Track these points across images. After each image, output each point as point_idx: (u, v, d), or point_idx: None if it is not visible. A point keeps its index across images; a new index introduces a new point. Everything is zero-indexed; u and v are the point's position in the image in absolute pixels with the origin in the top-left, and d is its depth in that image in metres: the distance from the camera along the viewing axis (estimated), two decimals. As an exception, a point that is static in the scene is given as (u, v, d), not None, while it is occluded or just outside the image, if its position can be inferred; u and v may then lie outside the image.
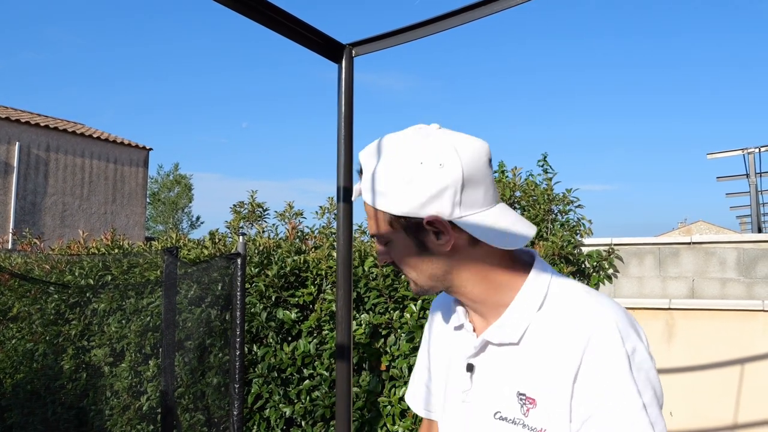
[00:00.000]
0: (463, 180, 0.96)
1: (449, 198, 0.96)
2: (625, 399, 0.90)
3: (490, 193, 1.00)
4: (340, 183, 1.58)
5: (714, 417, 3.70)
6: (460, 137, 0.99)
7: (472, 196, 0.98)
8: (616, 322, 0.94)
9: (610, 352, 0.92)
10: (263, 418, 3.92)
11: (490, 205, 1.00)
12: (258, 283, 4.06)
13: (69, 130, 15.92)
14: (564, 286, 1.02)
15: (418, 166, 0.96)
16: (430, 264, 1.03)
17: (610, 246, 4.11)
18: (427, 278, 1.05)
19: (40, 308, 5.25)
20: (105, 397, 4.69)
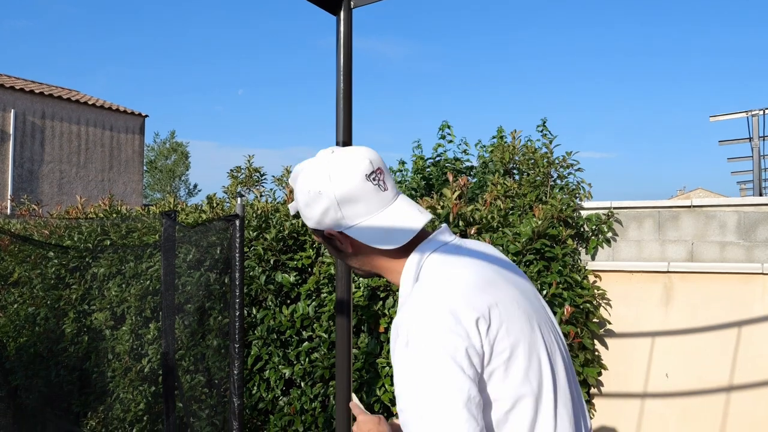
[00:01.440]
0: (338, 201, 1.20)
1: (332, 216, 1.21)
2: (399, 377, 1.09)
3: (372, 202, 1.21)
4: (340, 138, 1.55)
5: (710, 379, 3.74)
6: (339, 162, 1.21)
7: (352, 210, 1.21)
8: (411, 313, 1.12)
9: (398, 336, 1.12)
10: (263, 379, 3.96)
11: (376, 211, 1.22)
12: (256, 247, 4.06)
13: (64, 97, 15.76)
14: (429, 266, 1.21)
15: (307, 193, 1.22)
16: (348, 259, 1.30)
17: (609, 209, 4.10)
18: (355, 268, 1.33)
19: (40, 273, 5.27)
20: (107, 359, 4.73)
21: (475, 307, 1.11)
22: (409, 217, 1.23)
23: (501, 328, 1.11)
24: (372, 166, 1.21)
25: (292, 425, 3.84)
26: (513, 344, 1.12)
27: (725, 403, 3.69)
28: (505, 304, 1.15)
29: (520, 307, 1.18)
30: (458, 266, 1.20)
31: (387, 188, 1.23)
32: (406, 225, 1.22)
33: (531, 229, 3.69)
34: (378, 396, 3.74)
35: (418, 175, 6.56)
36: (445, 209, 3.81)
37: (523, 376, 1.12)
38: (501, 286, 1.19)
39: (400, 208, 1.24)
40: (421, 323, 1.09)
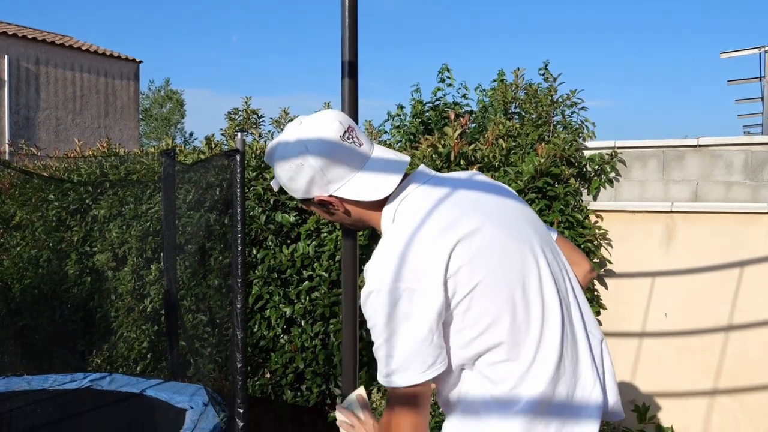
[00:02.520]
0: (321, 168, 1.24)
1: (318, 183, 1.26)
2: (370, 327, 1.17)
3: (353, 159, 1.25)
4: (345, 57, 1.50)
5: (709, 318, 3.76)
6: (311, 130, 1.24)
7: (337, 173, 1.25)
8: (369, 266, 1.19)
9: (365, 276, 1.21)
10: (264, 317, 4.00)
11: (358, 169, 1.26)
12: (256, 187, 4.04)
13: (57, 43, 15.46)
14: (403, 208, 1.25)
15: (288, 168, 1.26)
16: (343, 219, 1.35)
17: (613, 149, 4.05)
18: (350, 226, 1.40)
19: (41, 215, 5.27)
20: (110, 299, 4.78)
21: (435, 248, 1.15)
22: (391, 163, 1.27)
23: (463, 266, 1.15)
24: (342, 127, 1.25)
25: (292, 362, 3.90)
26: (479, 280, 1.16)
27: (723, 342, 3.73)
28: (474, 238, 1.18)
29: (494, 240, 1.20)
30: (426, 208, 1.22)
31: (362, 143, 1.27)
32: (390, 171, 1.26)
33: (533, 168, 3.66)
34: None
35: (416, 120, 6.48)
36: (446, 148, 3.76)
37: (490, 311, 1.17)
38: (469, 221, 1.20)
39: (380, 158, 1.28)
40: (379, 274, 1.16)
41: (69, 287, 4.99)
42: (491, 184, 1.36)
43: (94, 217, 4.93)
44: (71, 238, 5.03)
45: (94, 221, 4.95)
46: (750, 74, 6.18)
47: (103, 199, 4.89)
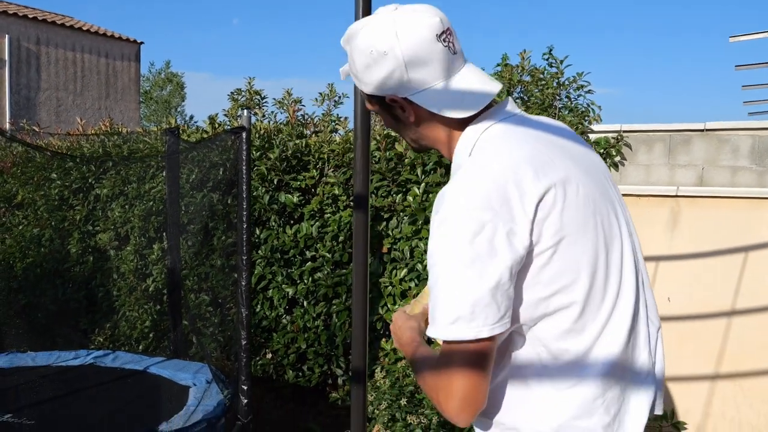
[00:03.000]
0: (405, 63, 1.08)
1: (397, 79, 1.10)
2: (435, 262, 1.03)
3: (443, 65, 1.10)
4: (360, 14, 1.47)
5: (712, 303, 3.76)
6: (406, 19, 1.09)
7: (420, 74, 1.09)
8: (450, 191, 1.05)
9: (433, 218, 1.06)
10: (266, 298, 4.00)
11: (444, 78, 1.10)
12: (259, 167, 4.02)
13: (58, 23, 15.35)
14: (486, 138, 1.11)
15: (369, 54, 1.10)
16: (407, 131, 1.20)
17: (619, 133, 4.03)
18: (411, 141, 1.23)
19: (43, 194, 5.26)
20: (112, 279, 4.78)
21: (527, 187, 1.01)
22: (482, 82, 1.13)
23: (553, 213, 1.02)
24: (442, 25, 1.09)
25: (294, 342, 3.91)
26: (566, 234, 1.03)
27: (726, 327, 3.73)
28: (563, 186, 1.04)
29: (586, 195, 1.07)
30: (517, 141, 1.09)
31: (456, 51, 1.11)
32: (479, 89, 1.12)
33: (539, 150, 3.63)
34: (380, 314, 3.79)
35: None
36: (452, 129, 3.74)
37: (569, 272, 1.04)
38: (562, 167, 1.07)
39: (471, 73, 1.13)
40: (462, 200, 1.01)
41: (71, 266, 4.98)
42: (577, 135, 1.22)
43: (96, 196, 4.92)
44: (73, 217, 5.02)
45: (97, 200, 4.94)
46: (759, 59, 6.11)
47: (106, 178, 4.87)
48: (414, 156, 3.76)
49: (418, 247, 3.71)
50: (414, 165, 3.76)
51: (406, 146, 3.81)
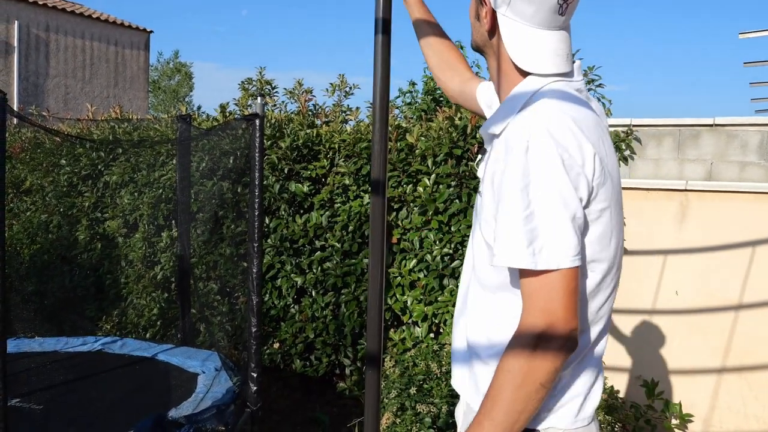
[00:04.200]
0: None
1: None
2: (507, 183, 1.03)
3: (544, 15, 1.11)
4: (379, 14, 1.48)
5: (720, 296, 3.77)
6: None
7: (521, 6, 1.12)
8: (531, 120, 1.05)
9: (512, 163, 1.03)
10: (275, 287, 4.02)
11: (538, 26, 1.12)
12: (270, 156, 4.03)
13: (68, 10, 15.35)
14: (543, 96, 1.11)
15: None
16: (478, 29, 1.24)
17: (629, 127, 4.02)
18: (475, 38, 1.26)
19: (52, 181, 5.27)
20: (120, 266, 4.79)
21: (594, 145, 1.06)
22: (558, 55, 1.13)
23: (606, 182, 1.07)
24: None
25: (302, 332, 3.92)
26: (607, 204, 1.08)
27: (733, 320, 3.74)
28: (608, 163, 1.10)
29: (614, 173, 1.13)
30: (579, 105, 1.12)
31: (564, 14, 1.12)
32: (548, 59, 1.13)
33: (549, 143, 3.63)
34: (389, 305, 3.80)
35: (428, 97, 6.44)
36: (463, 120, 3.74)
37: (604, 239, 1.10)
38: (608, 145, 1.13)
39: (557, 40, 1.13)
40: (547, 133, 1.02)
41: (79, 253, 5.00)
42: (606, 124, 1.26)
43: (105, 183, 4.93)
44: (82, 204, 5.03)
45: (106, 187, 4.95)
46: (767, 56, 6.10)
47: (116, 165, 4.88)
48: (425, 147, 3.76)
49: (428, 238, 3.72)
50: (425, 156, 3.76)
51: (417, 137, 3.82)
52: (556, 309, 0.99)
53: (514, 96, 1.15)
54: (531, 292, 1.01)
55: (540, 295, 1.00)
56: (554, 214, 1.00)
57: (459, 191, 3.64)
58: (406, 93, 6.80)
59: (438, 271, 3.62)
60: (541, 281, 1.00)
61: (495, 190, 1.08)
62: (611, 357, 3.96)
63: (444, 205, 3.65)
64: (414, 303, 3.71)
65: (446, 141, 3.70)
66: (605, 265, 1.11)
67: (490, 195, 1.11)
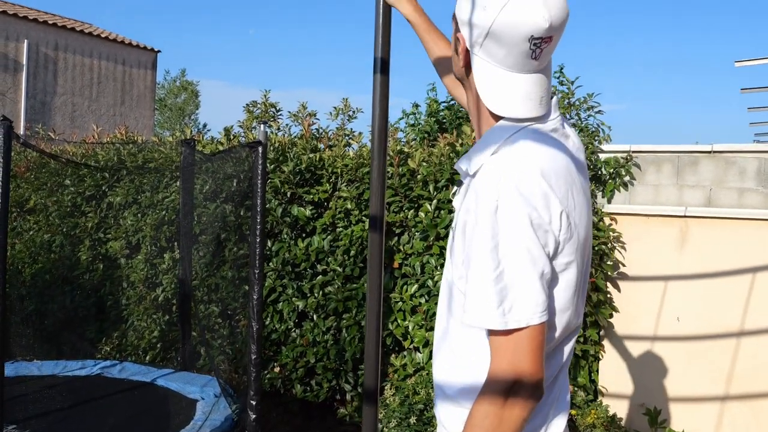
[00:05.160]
0: (489, 32, 1.10)
1: (475, 34, 1.13)
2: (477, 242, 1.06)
3: (515, 59, 1.11)
4: (378, 54, 1.50)
5: (720, 324, 3.75)
6: (526, 2, 1.07)
7: (493, 49, 1.12)
8: (501, 177, 1.07)
9: (482, 222, 1.06)
10: (276, 310, 4.02)
11: (510, 69, 1.12)
12: (273, 180, 4.05)
13: (77, 29, 15.53)
14: (515, 143, 1.13)
15: None
16: (456, 63, 1.23)
17: (628, 153, 4.04)
18: (455, 70, 1.26)
19: (56, 201, 5.30)
20: (121, 287, 4.81)
21: (562, 200, 1.08)
22: (530, 99, 1.13)
23: (572, 236, 1.10)
24: (546, 33, 1.08)
25: (303, 356, 3.92)
26: (572, 258, 1.11)
27: (735, 347, 3.72)
28: (577, 210, 1.12)
29: (580, 225, 1.14)
30: (552, 150, 1.13)
31: (538, 59, 1.11)
32: (520, 103, 1.13)
33: (550, 169, 3.65)
34: (390, 330, 3.80)
35: (431, 119, 6.50)
36: (464, 147, 3.77)
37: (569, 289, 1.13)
38: (579, 191, 1.15)
39: (532, 83, 1.13)
40: (516, 192, 1.05)
41: (81, 273, 5.02)
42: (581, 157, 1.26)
43: (109, 204, 4.96)
44: (85, 224, 5.06)
45: (110, 208, 4.98)
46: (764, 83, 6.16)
47: (120, 186, 4.92)
48: (426, 172, 3.78)
49: (429, 263, 3.73)
50: (426, 181, 3.78)
51: (419, 162, 3.84)
52: (523, 364, 1.02)
53: (486, 138, 1.16)
54: (499, 347, 1.05)
55: (508, 350, 1.04)
56: (523, 273, 1.03)
57: (460, 217, 3.66)
58: (409, 115, 6.85)
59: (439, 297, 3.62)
60: (510, 339, 1.03)
61: (466, 241, 1.10)
62: (612, 383, 3.94)
63: (445, 231, 3.66)
64: (415, 328, 3.71)
65: (447, 167, 3.73)
66: (570, 312, 1.14)
67: (461, 242, 1.13)
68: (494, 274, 1.03)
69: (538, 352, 1.03)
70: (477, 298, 1.05)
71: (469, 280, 1.07)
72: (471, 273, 1.07)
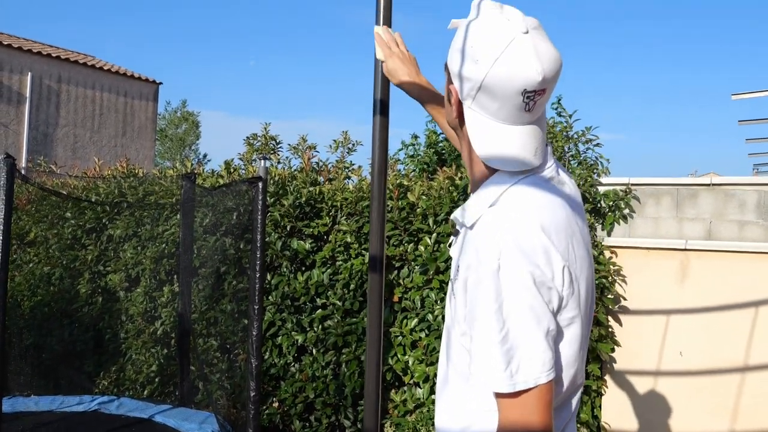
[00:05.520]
0: (481, 85, 1.08)
1: (467, 87, 1.11)
2: (481, 303, 1.04)
3: (508, 112, 1.09)
4: (377, 96, 1.52)
5: (724, 358, 3.72)
6: (515, 55, 1.06)
7: (486, 102, 1.10)
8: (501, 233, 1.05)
9: (484, 282, 1.04)
10: (275, 344, 3.99)
11: (503, 121, 1.11)
12: (273, 213, 4.06)
13: (80, 62, 15.74)
14: (513, 195, 1.12)
15: (469, 47, 1.10)
16: (449, 113, 1.21)
17: (627, 186, 4.06)
18: (448, 119, 1.25)
19: (56, 233, 5.30)
20: (120, 320, 4.78)
21: (563, 254, 1.07)
22: (525, 151, 1.11)
23: (575, 291, 1.08)
24: (539, 86, 1.06)
25: (303, 391, 3.88)
26: (576, 312, 1.10)
27: (739, 383, 3.69)
28: (578, 263, 1.11)
29: (581, 277, 1.12)
30: (550, 200, 1.12)
31: (532, 111, 1.10)
32: (514, 156, 1.11)
33: (549, 203, 3.66)
34: (390, 365, 3.77)
35: (431, 150, 6.53)
36: (463, 180, 3.78)
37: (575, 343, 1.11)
38: (579, 241, 1.13)
39: (527, 135, 1.11)
40: (517, 250, 1.03)
41: (80, 306, 5.00)
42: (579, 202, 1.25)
43: (109, 236, 4.96)
44: (85, 257, 5.05)
45: (110, 241, 4.98)
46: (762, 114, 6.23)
47: (120, 219, 4.92)
48: (426, 206, 3.79)
49: (429, 296, 3.71)
50: (426, 215, 3.79)
51: (418, 195, 3.86)
52: (533, 421, 1.01)
53: (483, 189, 1.16)
54: (508, 406, 1.03)
55: (516, 410, 1.02)
56: (528, 333, 1.02)
57: (460, 250, 3.66)
58: (408, 146, 6.89)
59: (439, 331, 3.60)
60: (519, 399, 1.02)
61: (468, 299, 1.09)
62: (615, 419, 3.89)
63: (445, 264, 3.66)
64: (415, 363, 3.68)
65: (447, 200, 3.74)
66: (577, 366, 1.14)
67: (462, 297, 1.11)
68: (499, 335, 1.02)
69: (547, 409, 1.02)
70: (483, 360, 1.04)
71: (474, 341, 1.06)
72: (475, 334, 1.05)
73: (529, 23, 1.09)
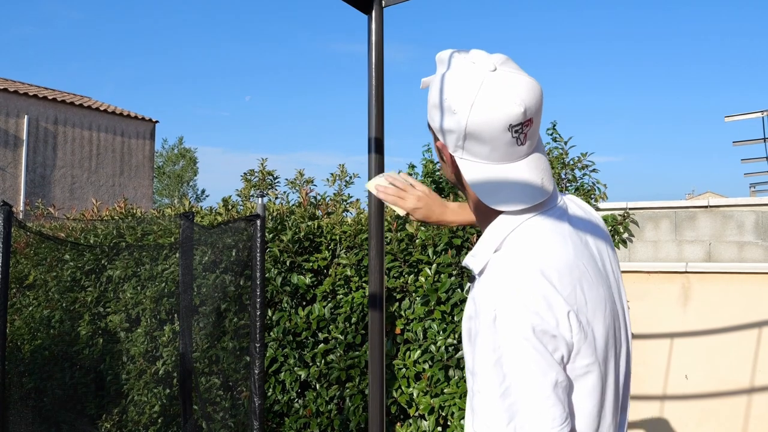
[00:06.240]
0: (466, 133, 1.07)
1: (453, 139, 1.10)
2: (480, 355, 1.00)
3: (502, 151, 1.07)
4: (372, 134, 1.54)
5: (731, 380, 3.70)
6: (491, 94, 1.04)
7: (475, 148, 1.08)
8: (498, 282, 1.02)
9: (482, 333, 1.00)
10: (278, 381, 3.96)
11: (499, 161, 1.08)
12: (272, 248, 4.07)
13: (76, 103, 15.89)
14: (516, 238, 1.09)
15: (443, 100, 1.08)
16: (445, 169, 1.21)
17: (625, 210, 4.08)
18: (446, 176, 1.23)
19: (56, 276, 5.30)
20: (121, 361, 4.74)
21: (567, 299, 1.00)
22: (530, 184, 1.07)
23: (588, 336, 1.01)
24: (523, 117, 1.03)
25: (307, 428, 3.83)
26: (593, 359, 1.02)
27: (747, 405, 3.66)
28: (589, 306, 1.03)
29: (607, 312, 1.06)
30: (555, 240, 1.07)
31: (525, 143, 1.06)
32: (517, 193, 1.07)
33: (548, 230, 3.67)
34: (394, 398, 3.73)
35: (428, 179, 6.56)
36: (461, 210, 3.80)
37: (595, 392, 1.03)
38: (591, 283, 1.06)
39: (528, 168, 1.08)
40: (515, 298, 0.98)
41: (80, 348, 4.96)
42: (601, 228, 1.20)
43: (108, 277, 4.95)
44: (85, 299, 5.03)
45: (109, 282, 4.97)
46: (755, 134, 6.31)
47: (119, 259, 4.92)
48: (424, 236, 3.80)
49: (431, 327, 3.70)
50: (425, 246, 3.79)
51: (417, 226, 3.86)
52: None
53: (488, 234, 1.12)
54: None
55: None
56: (532, 387, 0.95)
57: (461, 280, 3.65)
58: (405, 176, 6.93)
59: (443, 362, 3.58)
60: None
61: (471, 347, 1.05)
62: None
63: (446, 295, 3.65)
64: (420, 395, 3.65)
65: (446, 231, 3.75)
66: (605, 421, 1.05)
67: (469, 351, 1.07)
68: (500, 389, 0.96)
69: None
70: (485, 416, 0.97)
71: (476, 396, 1.00)
72: (477, 388, 1.00)
73: (496, 60, 1.07)
